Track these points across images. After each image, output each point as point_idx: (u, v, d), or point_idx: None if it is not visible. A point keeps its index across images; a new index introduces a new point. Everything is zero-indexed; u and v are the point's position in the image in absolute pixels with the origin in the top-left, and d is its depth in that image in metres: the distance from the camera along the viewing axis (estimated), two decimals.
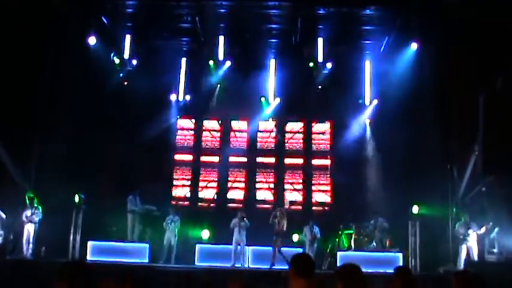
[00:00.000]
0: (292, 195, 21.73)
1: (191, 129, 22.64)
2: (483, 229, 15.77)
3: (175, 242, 17.57)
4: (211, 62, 20.54)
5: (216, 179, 22.09)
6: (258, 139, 22.48)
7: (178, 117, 22.17)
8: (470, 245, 15.91)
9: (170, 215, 17.95)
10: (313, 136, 22.36)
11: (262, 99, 21.28)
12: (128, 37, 19.85)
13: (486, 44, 16.59)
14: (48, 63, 18.27)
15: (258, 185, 22.03)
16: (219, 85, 21.36)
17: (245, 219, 17.10)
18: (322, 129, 22.33)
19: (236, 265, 16.72)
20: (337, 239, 18.79)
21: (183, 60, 21.41)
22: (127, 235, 18.40)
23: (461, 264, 15.73)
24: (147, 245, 17.68)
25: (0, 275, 12.84)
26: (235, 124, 22.60)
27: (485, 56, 16.61)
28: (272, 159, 22.29)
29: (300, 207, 21.54)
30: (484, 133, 16.96)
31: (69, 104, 18.92)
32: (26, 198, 16.57)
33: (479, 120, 16.96)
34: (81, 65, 19.02)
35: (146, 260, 17.16)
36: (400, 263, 16.23)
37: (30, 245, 16.30)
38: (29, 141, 17.82)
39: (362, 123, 21.17)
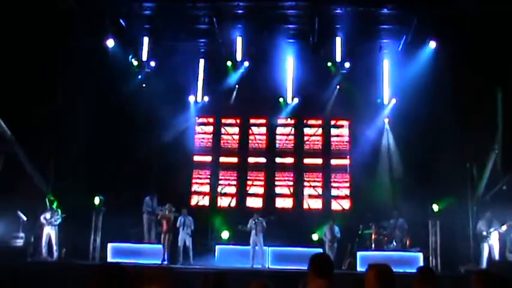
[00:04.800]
0: (312, 195, 21.73)
1: (209, 130, 22.68)
2: (504, 227, 15.60)
3: (191, 242, 17.41)
4: (229, 63, 20.57)
5: (235, 180, 22.11)
6: (277, 139, 22.46)
7: (196, 117, 22.20)
8: (492, 243, 15.72)
9: (181, 216, 17.68)
10: (332, 135, 22.32)
11: (281, 99, 21.27)
12: (145, 39, 19.95)
13: (502, 43, 16.52)
14: (67, 65, 18.40)
15: (277, 186, 21.98)
16: (237, 86, 21.39)
17: (261, 220, 17.03)
18: (340, 128, 22.29)
19: (255, 266, 16.71)
20: (357, 239, 18.69)
21: (201, 61, 21.43)
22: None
23: (483, 263, 15.58)
24: None
25: (22, 278, 12.90)
26: (253, 124, 22.63)
27: (502, 55, 16.53)
28: (291, 160, 22.26)
29: (320, 207, 21.53)
30: (503, 131, 16.86)
31: (87, 106, 19.07)
32: (47, 200, 16.68)
33: (498, 119, 16.87)
34: (99, 66, 19.21)
35: (165, 261, 17.16)
36: (421, 263, 16.13)
37: (55, 247, 16.44)
38: (47, 144, 17.92)
39: (381, 122, 21.07)
